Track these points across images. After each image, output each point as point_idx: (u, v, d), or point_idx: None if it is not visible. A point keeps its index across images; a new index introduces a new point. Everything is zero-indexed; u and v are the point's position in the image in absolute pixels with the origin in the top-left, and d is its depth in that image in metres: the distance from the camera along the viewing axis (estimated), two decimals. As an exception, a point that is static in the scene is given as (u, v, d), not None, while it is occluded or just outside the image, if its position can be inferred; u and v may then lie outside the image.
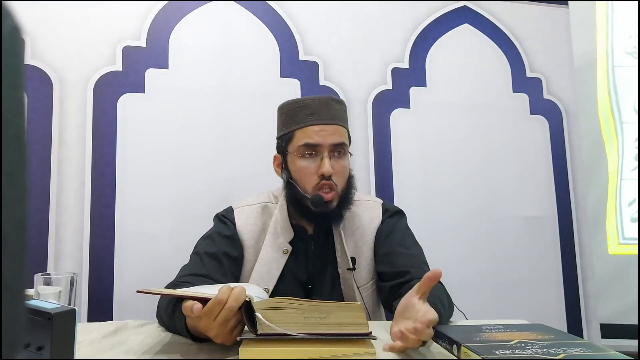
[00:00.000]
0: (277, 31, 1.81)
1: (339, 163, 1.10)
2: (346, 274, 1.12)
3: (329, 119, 1.10)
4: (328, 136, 1.08)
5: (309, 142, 1.08)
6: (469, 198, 1.90)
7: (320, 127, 1.09)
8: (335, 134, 1.10)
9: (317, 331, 0.73)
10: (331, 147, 1.09)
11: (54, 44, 1.59)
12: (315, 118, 1.10)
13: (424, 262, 1.11)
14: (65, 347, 0.63)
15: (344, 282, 1.13)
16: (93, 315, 1.50)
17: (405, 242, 1.14)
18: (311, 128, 1.09)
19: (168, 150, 1.65)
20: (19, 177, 0.30)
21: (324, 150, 1.08)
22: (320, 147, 1.08)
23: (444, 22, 1.99)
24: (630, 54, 2.49)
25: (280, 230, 1.14)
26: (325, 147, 1.08)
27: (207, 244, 1.12)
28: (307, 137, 1.09)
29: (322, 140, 1.08)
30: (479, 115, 1.97)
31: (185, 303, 0.74)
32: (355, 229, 1.16)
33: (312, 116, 1.10)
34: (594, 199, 2.35)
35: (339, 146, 1.10)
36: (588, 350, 0.70)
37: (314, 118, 1.10)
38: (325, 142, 1.08)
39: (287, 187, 1.14)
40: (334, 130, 1.10)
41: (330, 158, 1.08)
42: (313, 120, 1.09)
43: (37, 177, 1.52)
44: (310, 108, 1.11)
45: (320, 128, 1.09)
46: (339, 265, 1.13)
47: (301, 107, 1.12)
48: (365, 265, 1.14)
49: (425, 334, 0.72)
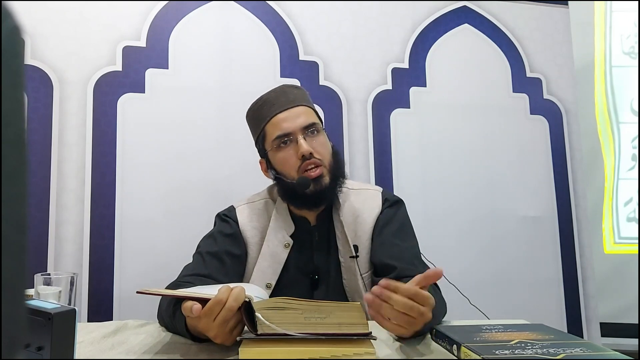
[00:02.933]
0: (277, 31, 1.81)
1: (317, 140, 1.10)
2: (348, 262, 1.12)
3: (289, 103, 1.12)
4: (295, 119, 1.09)
5: (280, 133, 1.09)
6: (469, 198, 1.90)
7: (284, 113, 1.10)
8: (301, 115, 1.10)
9: (317, 331, 0.73)
10: (302, 130, 1.09)
11: (54, 44, 1.59)
12: (277, 107, 1.11)
13: (416, 257, 1.10)
14: (65, 347, 0.63)
15: (346, 270, 1.12)
16: (93, 315, 1.50)
17: (400, 234, 1.13)
18: (277, 117, 1.10)
19: (168, 150, 1.65)
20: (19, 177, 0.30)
21: (297, 133, 1.09)
22: (292, 133, 1.09)
23: (444, 22, 1.99)
24: (628, 54, 2.49)
25: (281, 225, 1.14)
26: (297, 131, 1.09)
27: (209, 243, 1.12)
28: (277, 128, 1.10)
29: (290, 125, 1.09)
30: (479, 115, 1.97)
31: (185, 303, 0.74)
32: (356, 218, 1.15)
33: (273, 107, 1.12)
34: (592, 199, 2.36)
35: (310, 126, 1.10)
36: (588, 350, 0.70)
37: (275, 108, 1.11)
38: (294, 126, 1.09)
39: (277, 185, 1.15)
40: (300, 111, 1.11)
41: (305, 138, 1.08)
42: (275, 110, 1.11)
43: (37, 177, 1.52)
44: (270, 101, 1.13)
45: (285, 114, 1.10)
46: (340, 253, 1.13)
47: (262, 104, 1.14)
48: (365, 255, 1.14)
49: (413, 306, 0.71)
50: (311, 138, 1.10)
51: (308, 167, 1.08)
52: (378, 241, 1.12)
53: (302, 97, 1.15)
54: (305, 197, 1.09)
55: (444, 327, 0.86)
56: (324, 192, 1.09)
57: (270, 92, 1.16)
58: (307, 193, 1.08)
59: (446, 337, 0.80)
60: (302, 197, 1.09)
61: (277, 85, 1.77)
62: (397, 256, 1.07)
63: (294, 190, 1.09)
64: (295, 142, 1.08)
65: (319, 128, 1.12)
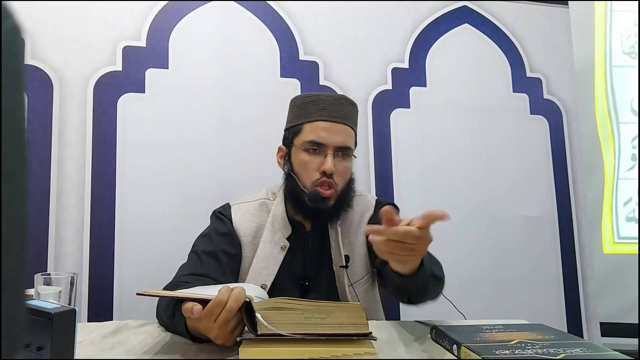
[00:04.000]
0: (277, 31, 1.81)
1: (342, 164, 1.10)
2: (340, 272, 1.12)
3: (338, 117, 1.10)
4: (335, 135, 1.09)
5: (315, 140, 1.08)
6: (469, 198, 1.90)
7: (329, 123, 1.09)
8: (342, 134, 1.10)
9: (317, 331, 0.73)
10: (336, 148, 1.09)
11: (54, 44, 1.59)
12: (326, 114, 1.10)
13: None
14: (65, 347, 0.63)
15: (338, 279, 1.13)
16: (93, 315, 1.50)
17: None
18: (320, 123, 1.09)
19: (168, 150, 1.65)
20: (19, 177, 0.30)
21: (329, 148, 1.08)
22: (326, 146, 1.08)
23: (444, 22, 1.99)
24: (628, 53, 2.49)
25: (278, 226, 1.14)
26: (330, 147, 1.08)
27: (205, 242, 1.12)
28: (314, 133, 1.09)
29: (328, 139, 1.08)
30: (479, 115, 1.97)
31: (185, 305, 0.74)
32: (349, 225, 1.16)
33: (323, 111, 1.10)
34: (591, 199, 2.36)
35: (345, 149, 1.10)
36: (588, 350, 0.71)
37: (325, 114, 1.10)
38: (331, 142, 1.08)
39: (287, 180, 1.14)
40: (342, 130, 1.10)
41: (334, 157, 1.08)
42: (323, 116, 1.10)
43: (37, 177, 1.52)
44: (322, 103, 1.11)
45: (329, 125, 1.09)
46: (333, 262, 1.13)
47: (313, 102, 1.12)
48: (359, 261, 1.14)
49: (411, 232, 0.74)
50: (339, 160, 1.10)
51: (323, 184, 1.08)
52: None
53: (351, 116, 1.14)
54: (305, 207, 1.10)
55: (444, 327, 0.86)
56: (324, 212, 1.10)
57: (328, 95, 1.14)
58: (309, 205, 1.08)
59: (446, 337, 0.80)
60: (303, 205, 1.10)
61: (277, 85, 1.77)
62: None
63: (299, 195, 1.10)
64: (323, 155, 1.08)
65: (350, 154, 1.13)
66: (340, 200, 1.12)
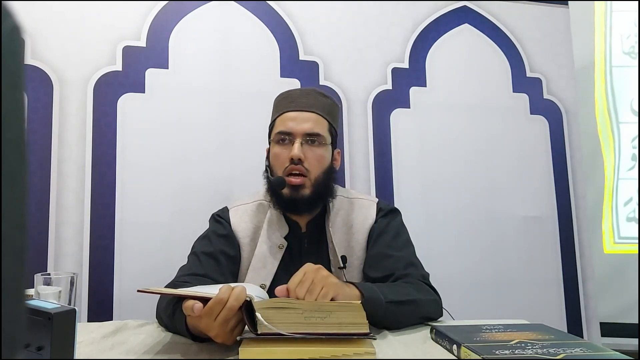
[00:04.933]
0: (277, 31, 1.81)
1: (313, 151, 1.11)
2: (338, 273, 1.12)
3: (306, 106, 1.13)
4: (301, 123, 1.11)
5: (283, 130, 1.11)
6: (468, 198, 1.90)
7: (295, 113, 1.12)
8: (308, 121, 1.11)
9: (317, 331, 0.73)
10: (304, 135, 1.10)
11: (54, 44, 1.59)
12: (294, 105, 1.13)
13: (412, 264, 1.09)
14: (65, 347, 0.63)
15: None
16: (93, 315, 1.50)
17: (395, 243, 1.13)
18: (287, 115, 1.12)
19: (168, 150, 1.65)
20: (19, 177, 0.30)
21: (297, 136, 1.10)
22: (293, 134, 1.10)
23: (444, 22, 1.99)
24: (628, 53, 2.49)
25: (275, 226, 1.14)
26: (298, 134, 1.10)
27: (204, 244, 1.13)
28: (283, 124, 1.12)
29: (294, 127, 1.10)
30: (479, 115, 1.97)
31: (186, 303, 0.74)
32: (348, 228, 1.15)
33: (291, 104, 1.14)
34: (591, 199, 2.36)
35: (313, 135, 1.11)
36: (588, 350, 0.71)
37: (292, 105, 1.13)
38: (297, 129, 1.10)
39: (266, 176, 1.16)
40: (309, 117, 1.12)
41: (303, 145, 1.09)
42: (291, 107, 1.13)
43: (37, 177, 1.52)
44: (292, 97, 1.15)
45: (296, 114, 1.12)
46: (331, 263, 1.13)
47: (284, 97, 1.17)
48: (357, 265, 1.14)
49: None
50: (309, 147, 1.10)
51: (292, 171, 1.09)
52: (372, 252, 1.12)
53: (322, 106, 1.15)
54: (280, 198, 1.11)
55: (444, 327, 0.86)
56: (299, 202, 1.10)
57: (299, 89, 1.19)
58: (282, 194, 1.09)
59: (446, 337, 0.80)
60: (279, 196, 1.11)
61: (277, 85, 1.77)
62: (392, 266, 1.07)
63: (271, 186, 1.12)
64: (292, 143, 1.10)
65: (322, 141, 1.12)
66: (318, 189, 1.11)
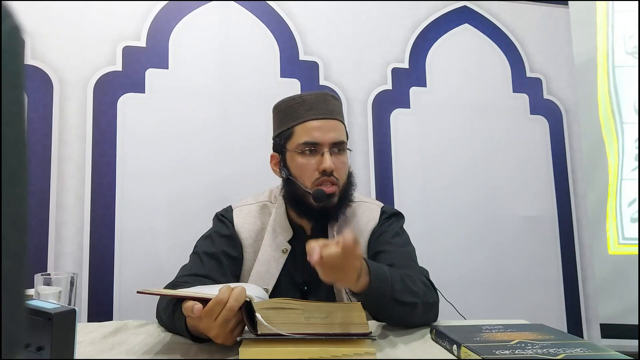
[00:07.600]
0: (277, 31, 1.81)
1: (339, 159, 1.10)
2: None
3: (327, 113, 1.10)
4: (328, 132, 1.09)
5: (310, 141, 1.08)
6: (468, 198, 1.90)
7: (319, 122, 1.09)
8: (334, 130, 1.10)
9: (317, 331, 0.74)
10: (331, 145, 1.09)
11: (54, 44, 1.59)
12: (314, 113, 1.10)
13: (413, 260, 1.09)
14: (65, 347, 0.63)
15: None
16: (93, 315, 1.50)
17: (395, 241, 1.13)
18: (311, 123, 1.09)
19: (168, 150, 1.65)
20: (19, 177, 0.30)
21: (325, 146, 1.08)
22: (321, 144, 1.08)
23: (444, 22, 1.99)
24: (631, 54, 2.49)
25: (279, 230, 1.13)
26: (325, 144, 1.08)
27: (207, 244, 1.12)
28: (307, 134, 1.08)
29: (322, 137, 1.08)
30: (479, 115, 1.97)
31: (186, 303, 0.74)
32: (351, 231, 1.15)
33: (310, 111, 1.10)
34: (594, 199, 2.35)
35: (338, 144, 1.10)
36: (588, 350, 0.71)
37: (312, 113, 1.10)
38: (325, 139, 1.08)
39: (286, 185, 1.13)
40: (333, 126, 1.10)
41: (331, 154, 1.08)
42: (312, 115, 1.10)
43: (37, 177, 1.52)
44: (308, 103, 1.11)
45: (320, 123, 1.09)
46: None
47: (299, 103, 1.12)
48: None
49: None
50: (336, 155, 1.09)
51: (324, 183, 1.07)
52: (373, 250, 1.12)
53: (339, 110, 1.14)
54: (310, 208, 1.09)
55: (444, 327, 0.86)
56: (330, 210, 1.09)
57: (311, 94, 1.14)
58: (314, 205, 1.07)
59: (446, 337, 0.80)
60: (308, 207, 1.09)
61: (277, 85, 1.77)
62: (393, 259, 1.06)
63: (303, 197, 1.09)
64: (320, 154, 1.08)
65: (345, 147, 1.12)
66: (343, 196, 1.11)
